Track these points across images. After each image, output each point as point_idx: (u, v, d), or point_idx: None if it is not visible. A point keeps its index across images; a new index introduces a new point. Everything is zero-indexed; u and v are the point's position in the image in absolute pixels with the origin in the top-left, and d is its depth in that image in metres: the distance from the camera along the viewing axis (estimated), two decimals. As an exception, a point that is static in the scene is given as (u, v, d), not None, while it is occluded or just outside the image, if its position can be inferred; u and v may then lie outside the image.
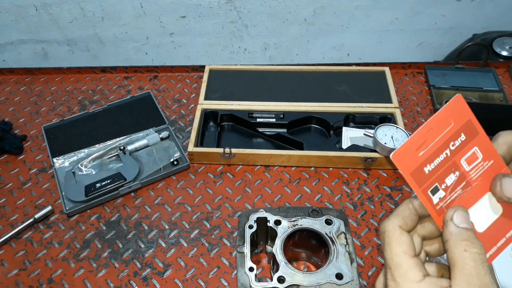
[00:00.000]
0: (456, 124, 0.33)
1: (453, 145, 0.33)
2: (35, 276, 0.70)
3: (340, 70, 0.98)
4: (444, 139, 0.33)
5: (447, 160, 0.33)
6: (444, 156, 0.33)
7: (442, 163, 0.33)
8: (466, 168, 0.34)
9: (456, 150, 0.34)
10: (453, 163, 0.34)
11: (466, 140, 0.34)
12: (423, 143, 0.33)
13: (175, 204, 0.79)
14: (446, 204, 0.34)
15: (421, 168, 0.33)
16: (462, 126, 0.34)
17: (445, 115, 0.33)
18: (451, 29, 1.37)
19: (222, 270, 0.69)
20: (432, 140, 0.33)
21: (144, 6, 1.28)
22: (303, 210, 0.67)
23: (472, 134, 0.34)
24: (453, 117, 0.33)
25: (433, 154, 0.33)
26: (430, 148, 0.33)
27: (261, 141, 0.88)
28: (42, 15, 1.31)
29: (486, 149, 0.34)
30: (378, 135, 0.79)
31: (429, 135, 0.33)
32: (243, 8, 1.30)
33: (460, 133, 0.34)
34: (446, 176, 0.34)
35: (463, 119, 0.34)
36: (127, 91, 1.01)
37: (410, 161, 0.33)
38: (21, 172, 0.85)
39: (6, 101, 1.01)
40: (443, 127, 0.33)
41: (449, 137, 0.33)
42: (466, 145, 0.34)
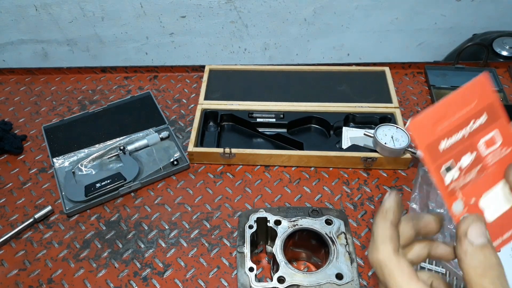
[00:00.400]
0: (479, 103, 0.31)
1: (474, 123, 0.32)
2: (35, 276, 0.70)
3: (340, 70, 0.98)
4: (465, 116, 0.31)
5: (465, 139, 0.32)
6: (462, 134, 0.32)
7: (460, 142, 0.32)
8: (484, 151, 0.32)
9: (476, 130, 0.32)
10: (471, 144, 0.32)
11: (487, 121, 0.32)
12: (442, 116, 0.31)
13: (175, 204, 0.79)
14: (458, 186, 0.32)
15: (438, 143, 0.31)
16: (485, 107, 0.32)
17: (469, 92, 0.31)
18: (451, 29, 1.37)
19: (222, 270, 0.69)
20: (452, 115, 0.31)
21: (144, 6, 1.28)
22: (303, 210, 0.67)
23: (494, 116, 0.32)
24: (477, 96, 0.31)
25: (451, 130, 0.31)
26: (449, 123, 0.31)
27: (261, 141, 0.88)
28: (42, 15, 1.31)
29: (506, 135, 0.33)
30: (378, 135, 0.79)
31: (450, 109, 0.31)
32: (243, 8, 1.30)
33: (482, 113, 0.32)
34: (462, 155, 0.32)
35: (486, 99, 0.32)
36: (127, 91, 1.01)
37: (428, 132, 0.31)
38: (21, 172, 0.85)
39: (6, 101, 1.01)
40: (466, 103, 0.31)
41: (471, 115, 0.31)
42: (487, 127, 0.32)
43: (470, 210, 0.32)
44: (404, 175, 0.81)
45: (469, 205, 0.32)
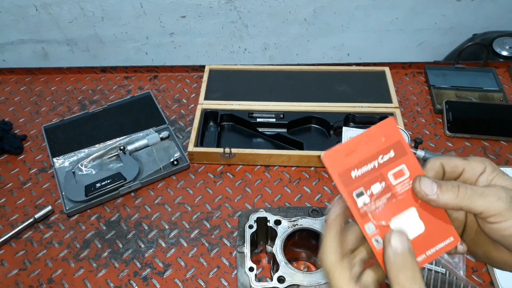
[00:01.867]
0: (386, 141, 0.37)
1: (382, 158, 0.37)
2: (35, 276, 0.70)
3: (340, 70, 0.98)
4: (374, 151, 0.36)
5: (375, 170, 0.37)
6: (372, 166, 0.36)
7: (370, 172, 0.37)
8: (393, 181, 0.37)
9: (385, 163, 0.37)
10: (380, 174, 0.37)
11: (395, 156, 0.37)
12: (353, 151, 0.36)
13: (175, 204, 0.79)
14: (370, 210, 0.36)
15: (349, 172, 0.36)
16: (392, 144, 0.37)
17: (377, 132, 0.36)
18: (451, 29, 1.37)
19: (222, 270, 0.69)
20: (362, 150, 0.36)
21: (144, 6, 1.28)
22: (303, 210, 0.67)
23: (401, 153, 0.37)
24: (384, 135, 0.37)
25: (361, 162, 0.36)
26: (359, 155, 0.36)
27: (261, 141, 0.88)
28: (42, 15, 1.31)
29: (414, 169, 0.37)
30: (378, 135, 0.79)
31: (361, 145, 0.36)
32: (243, 8, 1.30)
33: (390, 149, 0.37)
34: (372, 184, 0.36)
35: (393, 138, 0.37)
36: (127, 91, 1.01)
37: (340, 163, 0.36)
38: (21, 172, 0.85)
39: (6, 101, 1.01)
40: (374, 140, 0.36)
41: (379, 151, 0.37)
42: (395, 161, 0.37)
43: (381, 231, 0.36)
44: (404, 175, 0.81)
45: (380, 226, 0.36)
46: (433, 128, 0.89)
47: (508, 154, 0.83)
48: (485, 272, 0.67)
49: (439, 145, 0.86)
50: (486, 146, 0.85)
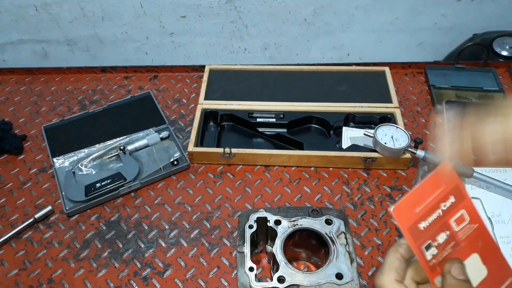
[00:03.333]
0: (446, 187, 0.37)
1: (444, 205, 0.37)
2: (35, 276, 0.70)
3: (340, 70, 0.98)
4: (436, 200, 0.37)
5: (440, 219, 0.37)
6: (437, 215, 0.37)
7: (435, 222, 0.37)
8: (456, 228, 0.38)
9: (447, 210, 0.37)
10: (445, 223, 0.37)
11: (455, 202, 0.38)
12: (418, 201, 0.37)
13: (175, 204, 0.79)
14: (438, 261, 0.37)
15: (417, 224, 0.37)
16: (451, 190, 0.38)
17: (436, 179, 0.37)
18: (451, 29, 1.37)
19: (222, 270, 0.69)
20: (426, 199, 0.37)
21: (144, 6, 1.28)
22: (303, 210, 0.67)
23: (460, 197, 0.38)
24: (442, 181, 0.37)
25: (427, 212, 0.37)
26: (425, 206, 0.37)
27: (261, 141, 0.88)
28: (42, 15, 1.31)
29: (472, 213, 0.38)
30: (378, 135, 0.79)
31: (423, 194, 0.37)
32: (243, 8, 1.29)
33: (450, 195, 0.38)
34: (438, 234, 0.37)
35: (452, 183, 0.38)
36: (127, 91, 1.01)
37: (408, 216, 0.36)
38: (21, 172, 0.85)
39: (6, 101, 1.01)
40: (435, 188, 0.37)
41: (441, 198, 0.37)
42: (456, 207, 0.38)
43: None
44: (404, 175, 0.81)
45: None
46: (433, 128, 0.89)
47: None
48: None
49: (439, 145, 0.86)
50: (486, 146, 0.85)
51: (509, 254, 0.67)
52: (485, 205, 0.73)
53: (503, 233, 0.69)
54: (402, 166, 0.82)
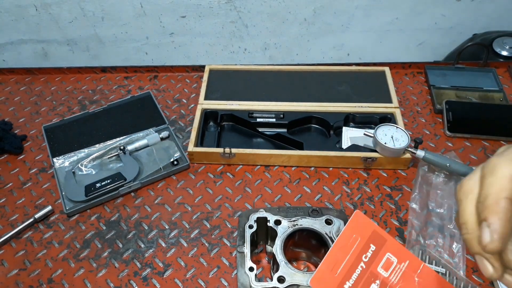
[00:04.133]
0: (362, 238, 0.36)
1: (366, 257, 0.36)
2: (35, 276, 0.70)
3: (340, 70, 0.98)
4: (355, 254, 0.36)
5: (365, 271, 0.36)
6: (360, 269, 0.36)
7: (361, 276, 0.36)
8: (385, 274, 0.37)
9: (370, 260, 0.36)
10: (371, 273, 0.36)
11: (376, 249, 0.37)
12: (336, 262, 0.35)
13: (175, 204, 0.79)
14: None
15: (342, 286, 0.35)
16: (369, 238, 0.37)
17: (349, 232, 0.36)
18: (451, 29, 1.37)
19: (222, 270, 0.69)
20: (344, 258, 0.36)
21: (144, 6, 1.28)
22: (303, 210, 0.67)
23: (381, 242, 0.37)
24: (357, 232, 0.36)
25: (349, 271, 0.36)
26: (344, 265, 0.36)
27: (261, 141, 0.88)
28: (42, 15, 1.31)
29: (399, 252, 0.37)
30: (378, 135, 0.79)
31: (340, 254, 0.36)
32: (243, 8, 1.30)
33: (369, 244, 0.36)
34: (368, 286, 0.36)
35: (367, 231, 0.36)
36: (127, 91, 1.01)
37: (329, 283, 0.35)
38: (21, 172, 0.85)
39: (6, 101, 1.01)
40: (351, 243, 0.36)
41: (360, 251, 0.36)
42: (378, 253, 0.37)
43: None
44: (404, 175, 0.81)
45: None
46: (433, 128, 0.89)
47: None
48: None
49: (439, 145, 0.86)
50: (486, 146, 0.85)
51: (509, 254, 0.67)
52: (485, 205, 0.72)
53: (503, 233, 0.69)
54: (402, 166, 0.82)
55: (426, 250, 0.67)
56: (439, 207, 0.74)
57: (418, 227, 0.71)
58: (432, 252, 0.67)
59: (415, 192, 0.76)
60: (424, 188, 0.76)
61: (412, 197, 0.75)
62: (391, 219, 0.74)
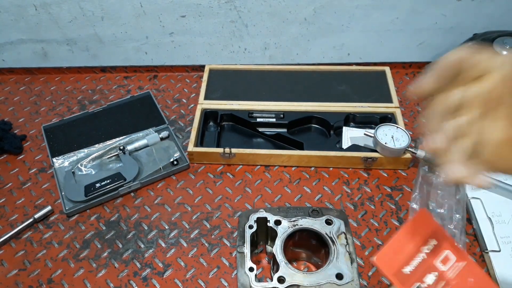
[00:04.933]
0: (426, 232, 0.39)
1: (428, 248, 0.39)
2: (35, 276, 0.70)
3: (340, 70, 0.98)
4: (416, 245, 0.39)
5: (425, 262, 0.39)
6: (421, 258, 0.39)
7: (421, 265, 0.39)
8: (443, 268, 0.39)
9: (430, 253, 0.39)
10: (430, 265, 0.39)
11: (437, 245, 0.40)
12: (400, 247, 0.39)
13: (175, 204, 0.79)
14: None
15: (401, 269, 0.38)
16: (432, 233, 0.40)
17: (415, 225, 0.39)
18: (451, 29, 1.37)
19: (222, 270, 0.69)
20: (407, 245, 0.39)
21: (144, 5, 1.28)
22: (303, 210, 0.67)
23: (442, 239, 0.40)
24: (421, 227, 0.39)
25: (409, 257, 0.39)
26: (406, 252, 0.39)
27: (261, 141, 0.88)
28: (42, 14, 1.31)
29: (457, 252, 0.40)
30: (378, 135, 0.79)
31: (404, 241, 0.39)
32: (243, 8, 1.29)
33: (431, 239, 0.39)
34: (426, 276, 0.39)
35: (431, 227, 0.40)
36: (127, 91, 1.01)
37: (391, 263, 0.38)
38: (21, 172, 0.85)
39: (5, 101, 1.01)
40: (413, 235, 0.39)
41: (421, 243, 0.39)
42: (439, 248, 0.40)
43: None
44: (404, 175, 0.81)
45: None
46: (433, 128, 0.89)
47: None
48: (485, 272, 0.67)
49: (439, 145, 0.86)
50: (486, 146, 0.85)
51: (509, 254, 0.67)
52: (485, 205, 0.73)
53: (503, 233, 0.69)
54: (403, 166, 0.81)
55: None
56: (439, 207, 0.73)
57: (419, 227, 0.71)
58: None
59: (416, 192, 0.75)
60: (425, 188, 0.76)
61: (413, 197, 0.75)
62: (391, 219, 0.74)
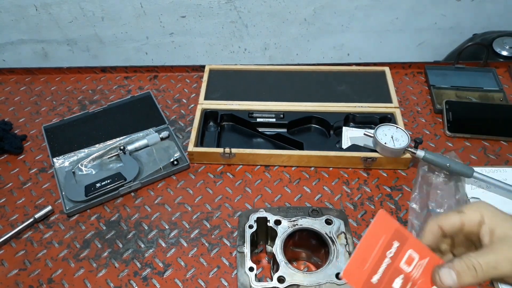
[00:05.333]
0: (386, 235, 0.40)
1: (390, 253, 0.40)
2: (35, 276, 0.70)
3: (340, 70, 0.98)
4: (380, 251, 0.40)
5: (389, 266, 0.40)
6: (386, 264, 0.40)
7: (386, 271, 0.40)
8: (407, 269, 0.40)
9: (394, 256, 0.40)
10: (395, 269, 0.40)
11: (399, 246, 0.40)
12: (364, 257, 0.39)
13: (175, 204, 0.79)
14: None
15: (369, 280, 0.39)
16: (392, 236, 0.40)
17: (375, 230, 0.40)
18: (451, 29, 1.37)
19: (222, 270, 0.69)
20: (370, 254, 0.40)
21: (144, 6, 1.28)
22: (303, 210, 0.67)
23: (403, 239, 0.41)
24: (382, 231, 0.40)
25: (375, 265, 0.40)
26: (371, 261, 0.39)
27: (261, 141, 0.88)
28: (42, 15, 1.31)
29: (420, 249, 0.41)
30: (378, 135, 0.79)
31: (367, 250, 0.40)
32: (243, 8, 1.30)
33: (393, 241, 0.40)
34: (393, 281, 0.40)
35: (391, 229, 0.40)
36: (127, 91, 1.01)
37: (359, 275, 0.39)
38: (21, 172, 0.85)
39: (6, 101, 1.01)
40: (376, 239, 0.40)
41: (384, 248, 0.40)
42: (401, 250, 0.40)
43: None
44: (404, 175, 0.81)
45: None
46: (433, 128, 0.89)
47: (508, 154, 0.83)
48: None
49: (439, 145, 0.86)
50: (486, 146, 0.85)
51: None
52: (485, 205, 0.72)
53: (503, 233, 0.69)
54: (402, 166, 0.82)
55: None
56: (439, 207, 0.74)
57: (418, 227, 0.71)
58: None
59: (415, 192, 0.76)
60: (424, 188, 0.76)
61: (412, 197, 0.75)
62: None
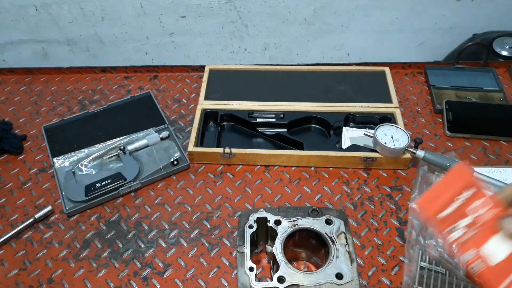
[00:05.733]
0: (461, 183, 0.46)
1: (463, 196, 0.45)
2: (35, 276, 0.70)
3: (340, 70, 0.98)
4: (451, 195, 0.45)
5: (459, 208, 0.45)
6: (456, 205, 0.45)
7: (455, 211, 0.45)
8: (477, 213, 0.45)
9: (467, 200, 0.45)
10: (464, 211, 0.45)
11: (470, 195, 0.45)
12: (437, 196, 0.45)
13: (175, 204, 0.79)
14: (462, 242, 0.45)
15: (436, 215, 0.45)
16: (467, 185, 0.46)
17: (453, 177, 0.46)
18: (451, 29, 1.37)
19: (222, 270, 0.69)
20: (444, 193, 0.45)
21: (144, 6, 1.28)
22: (303, 210, 0.67)
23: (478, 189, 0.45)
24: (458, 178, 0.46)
25: (444, 205, 0.45)
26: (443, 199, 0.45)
27: (261, 141, 0.88)
28: (42, 15, 1.31)
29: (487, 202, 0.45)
30: (378, 135, 0.79)
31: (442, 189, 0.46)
32: (243, 8, 1.30)
33: (468, 189, 0.45)
34: (461, 219, 0.45)
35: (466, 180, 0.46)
36: (127, 91, 1.01)
37: (430, 208, 0.45)
38: (21, 172, 0.85)
39: (6, 101, 1.01)
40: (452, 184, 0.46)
41: (455, 193, 0.45)
42: (475, 196, 0.45)
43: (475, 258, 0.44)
44: (404, 175, 0.81)
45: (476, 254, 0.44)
46: (433, 128, 0.89)
47: (508, 154, 0.83)
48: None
49: (439, 145, 0.86)
50: (486, 146, 0.85)
51: (509, 254, 0.67)
52: (485, 205, 0.72)
53: (503, 233, 0.69)
54: (402, 166, 0.82)
55: (426, 250, 0.67)
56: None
57: (418, 227, 0.71)
58: (432, 252, 0.67)
59: (415, 192, 0.75)
60: (424, 188, 0.76)
61: (412, 197, 0.75)
62: (391, 219, 0.74)
